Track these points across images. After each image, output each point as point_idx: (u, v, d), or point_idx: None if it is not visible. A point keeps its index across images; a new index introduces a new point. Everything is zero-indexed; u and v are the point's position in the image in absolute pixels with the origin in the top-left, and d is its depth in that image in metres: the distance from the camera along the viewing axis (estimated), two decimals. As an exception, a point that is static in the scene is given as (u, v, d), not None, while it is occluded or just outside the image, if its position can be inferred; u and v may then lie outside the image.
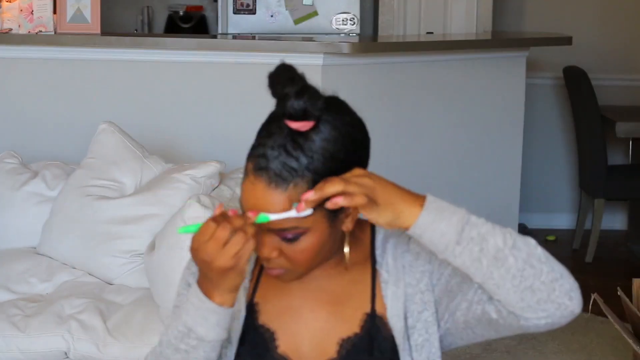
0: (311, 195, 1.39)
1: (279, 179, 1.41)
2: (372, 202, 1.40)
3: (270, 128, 1.45)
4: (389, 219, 1.41)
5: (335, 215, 1.47)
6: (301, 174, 1.42)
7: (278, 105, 1.43)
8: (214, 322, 1.46)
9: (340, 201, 1.39)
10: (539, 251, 1.44)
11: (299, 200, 1.42)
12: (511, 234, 1.45)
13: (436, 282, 1.55)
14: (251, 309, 1.57)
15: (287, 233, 1.44)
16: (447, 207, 1.44)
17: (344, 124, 1.46)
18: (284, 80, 1.41)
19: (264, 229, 1.44)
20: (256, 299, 1.57)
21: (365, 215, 1.41)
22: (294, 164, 1.41)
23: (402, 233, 1.58)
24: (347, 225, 1.50)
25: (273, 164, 1.41)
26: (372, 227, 1.60)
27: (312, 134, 1.42)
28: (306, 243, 1.46)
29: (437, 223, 1.42)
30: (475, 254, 1.42)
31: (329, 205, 1.40)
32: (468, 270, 1.43)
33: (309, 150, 1.42)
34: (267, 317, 1.56)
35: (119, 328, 2.86)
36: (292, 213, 1.41)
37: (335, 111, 1.46)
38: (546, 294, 1.42)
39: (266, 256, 1.47)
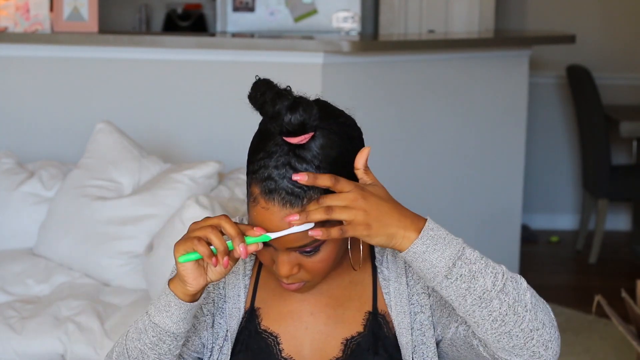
0: (296, 220, 1.36)
1: (292, 197, 1.38)
2: (365, 224, 1.37)
3: (267, 147, 1.41)
4: (382, 241, 1.38)
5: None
6: (312, 187, 1.39)
7: (272, 123, 1.38)
8: (176, 314, 1.45)
9: (333, 233, 1.36)
10: (527, 297, 1.42)
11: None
12: (503, 275, 1.41)
13: (431, 292, 1.54)
14: (253, 314, 1.56)
15: (307, 247, 1.43)
16: (443, 237, 1.39)
17: (339, 125, 1.44)
18: (272, 97, 1.38)
19: (281, 249, 1.43)
20: (257, 304, 1.57)
21: (358, 237, 1.38)
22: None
23: None
24: None
25: (282, 183, 1.38)
26: None
27: (311, 144, 1.40)
28: (325, 252, 1.45)
29: (429, 254, 1.38)
30: (462, 290, 1.39)
31: (315, 235, 1.37)
32: (452, 303, 1.42)
33: (314, 160, 1.39)
34: (269, 322, 1.55)
35: (116, 330, 2.85)
36: (293, 229, 1.39)
37: (327, 114, 1.44)
38: (523, 341, 1.41)
39: (287, 274, 1.45)
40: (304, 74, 3.80)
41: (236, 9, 5.32)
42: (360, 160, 1.41)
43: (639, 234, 5.44)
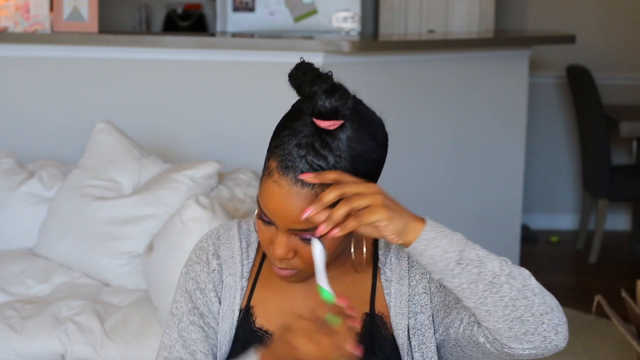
0: (311, 214, 1.37)
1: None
2: (384, 205, 1.37)
3: (295, 125, 1.41)
4: (396, 228, 1.38)
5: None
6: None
7: (306, 102, 1.40)
8: None
9: (351, 225, 1.36)
10: (533, 282, 1.44)
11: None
12: (507, 262, 1.44)
13: (435, 291, 1.55)
14: (247, 313, 1.55)
15: (309, 233, 1.42)
16: (445, 228, 1.42)
17: (369, 123, 1.45)
18: (312, 78, 1.39)
19: (282, 228, 1.43)
20: (252, 303, 1.56)
21: (372, 229, 1.38)
22: (322, 163, 1.39)
23: None
24: None
25: (301, 163, 1.39)
26: None
27: (339, 133, 1.40)
28: (325, 244, 1.44)
29: (439, 240, 1.40)
30: (473, 276, 1.41)
31: (340, 233, 1.37)
32: (463, 292, 1.42)
33: (337, 150, 1.40)
34: (264, 320, 1.55)
35: (116, 330, 2.85)
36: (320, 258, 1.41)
37: (360, 109, 1.45)
38: (534, 326, 1.42)
39: (282, 256, 1.45)
40: (304, 74, 3.79)
41: (236, 9, 5.32)
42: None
43: (639, 234, 5.44)
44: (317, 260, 1.41)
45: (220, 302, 1.56)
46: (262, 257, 1.59)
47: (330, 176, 1.38)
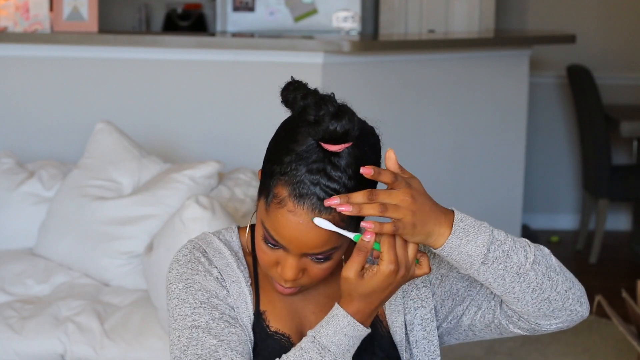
0: (336, 203, 1.35)
1: (322, 204, 1.37)
2: (412, 224, 1.37)
3: (298, 149, 1.38)
4: (420, 240, 1.39)
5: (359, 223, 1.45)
6: (343, 194, 1.37)
7: (311, 127, 1.36)
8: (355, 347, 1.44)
9: (369, 227, 1.36)
10: (554, 261, 1.47)
11: (342, 222, 1.39)
12: (530, 247, 1.45)
13: (437, 283, 1.56)
14: (259, 317, 1.53)
15: (322, 254, 1.42)
16: (472, 225, 1.41)
17: (366, 134, 1.44)
18: (316, 102, 1.36)
19: (295, 253, 1.41)
20: (262, 307, 1.54)
21: (400, 235, 1.39)
22: (336, 186, 1.37)
23: None
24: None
25: (315, 189, 1.37)
26: None
27: (346, 152, 1.38)
28: (334, 259, 1.44)
29: (464, 246, 1.40)
30: (500, 271, 1.42)
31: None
32: (490, 285, 1.44)
33: (348, 169, 1.38)
34: (277, 323, 1.53)
35: (116, 330, 2.85)
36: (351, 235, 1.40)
37: (361, 125, 1.43)
38: (561, 303, 1.46)
39: (293, 278, 1.44)
40: (304, 74, 3.77)
41: (236, 8, 5.32)
42: (393, 166, 1.40)
43: (639, 234, 5.44)
44: (335, 229, 1.39)
45: (234, 310, 1.53)
46: (253, 262, 1.57)
47: (385, 179, 1.37)
